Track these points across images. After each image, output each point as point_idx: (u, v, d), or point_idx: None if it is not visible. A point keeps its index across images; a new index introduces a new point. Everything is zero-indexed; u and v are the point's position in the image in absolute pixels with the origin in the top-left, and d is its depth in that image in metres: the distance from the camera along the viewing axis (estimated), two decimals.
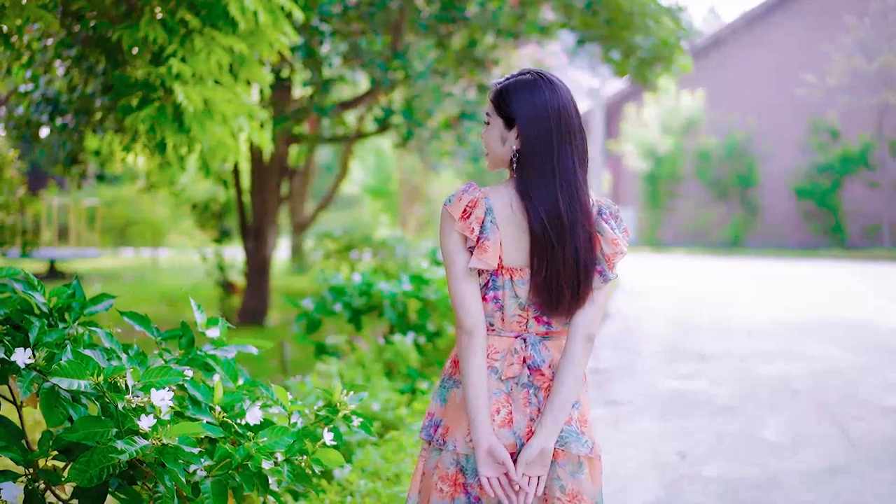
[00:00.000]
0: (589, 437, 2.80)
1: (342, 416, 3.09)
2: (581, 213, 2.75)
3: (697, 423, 7.25)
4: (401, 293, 6.49)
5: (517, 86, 2.76)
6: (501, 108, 2.76)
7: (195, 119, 6.11)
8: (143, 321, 3.29)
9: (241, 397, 3.04)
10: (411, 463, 4.34)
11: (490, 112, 2.80)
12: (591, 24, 12.24)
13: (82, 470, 2.62)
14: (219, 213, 12.25)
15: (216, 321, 3.36)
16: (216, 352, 3.31)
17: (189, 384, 2.99)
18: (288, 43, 6.48)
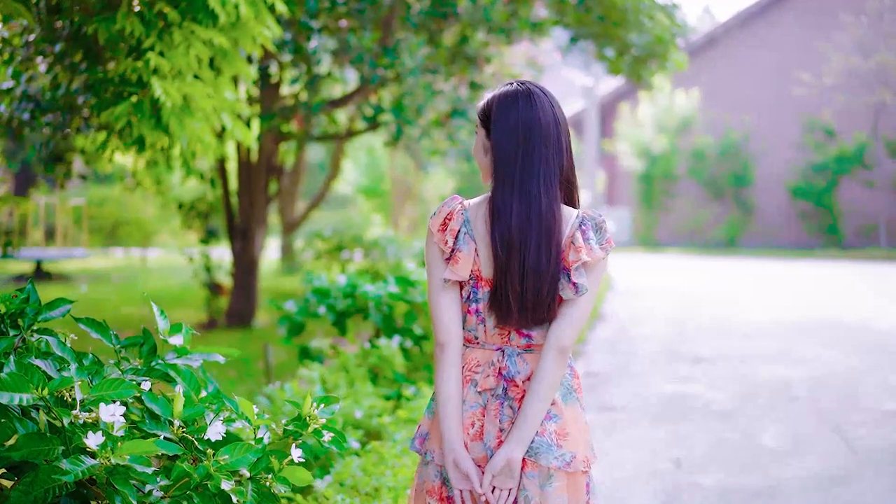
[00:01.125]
0: (568, 451, 2.78)
1: (312, 430, 2.87)
2: (538, 226, 2.71)
3: (694, 429, 7.05)
4: (386, 295, 6.27)
5: (496, 98, 2.79)
6: (483, 120, 2.81)
7: (173, 115, 5.90)
8: (101, 328, 3.05)
9: (202, 411, 2.81)
10: (392, 476, 4.12)
11: (477, 123, 2.85)
12: (585, 21, 12.05)
13: (26, 491, 2.42)
14: (205, 213, 12.02)
15: (179, 327, 3.13)
16: (180, 361, 3.09)
17: (146, 397, 2.77)
18: (271, 37, 6.27)
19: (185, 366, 3.07)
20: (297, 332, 6.42)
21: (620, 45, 12.65)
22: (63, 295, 12.53)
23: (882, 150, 27.81)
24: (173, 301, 13.65)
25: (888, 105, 27.01)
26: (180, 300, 13.65)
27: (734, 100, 30.23)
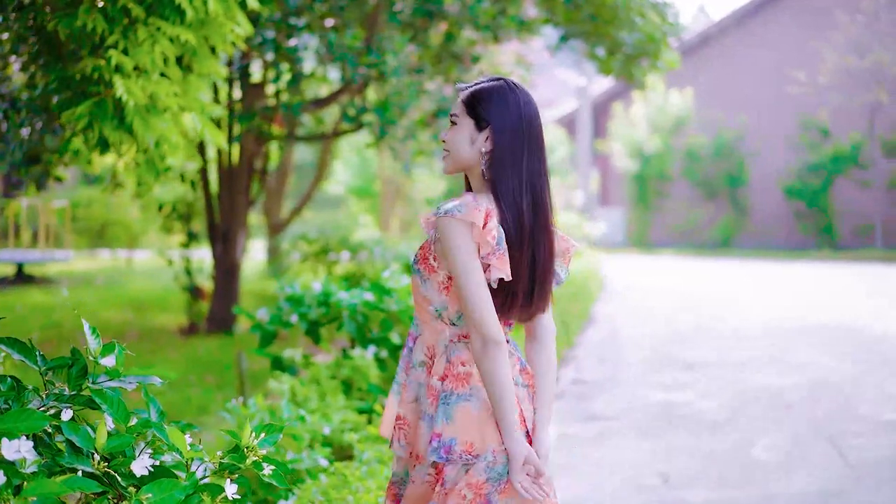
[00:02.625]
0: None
1: (252, 462, 2.60)
2: (542, 218, 2.78)
3: (683, 440, 6.78)
4: (361, 304, 6.01)
5: (493, 90, 2.77)
6: (474, 110, 2.76)
7: (137, 115, 5.63)
8: (23, 349, 2.78)
9: (129, 441, 2.55)
10: (354, 502, 3.85)
11: (459, 113, 2.78)
12: (575, 20, 11.81)
13: None
14: (186, 215, 11.74)
15: (112, 347, 2.86)
16: (113, 384, 2.82)
17: (65, 427, 2.50)
18: (244, 34, 6.00)
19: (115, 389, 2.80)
20: (269, 341, 6.15)
21: (611, 44, 12.41)
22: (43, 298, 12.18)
23: (878, 149, 27.60)
24: (155, 305, 13.37)
25: (884, 104, 26.79)
26: (162, 304, 13.38)
27: (729, 99, 29.99)
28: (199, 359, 9.63)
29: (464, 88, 2.82)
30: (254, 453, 2.60)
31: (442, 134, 2.82)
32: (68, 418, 2.54)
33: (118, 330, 11.29)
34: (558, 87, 40.55)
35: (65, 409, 2.57)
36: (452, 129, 2.79)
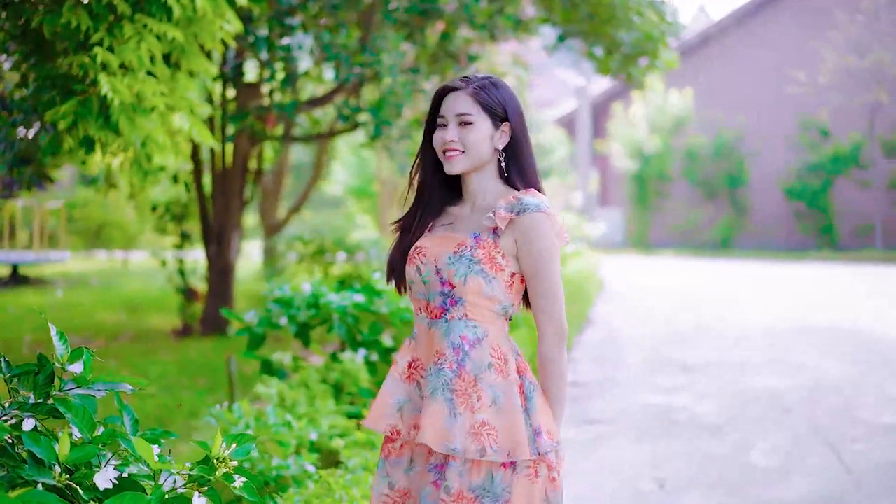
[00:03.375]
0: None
1: (222, 474, 2.49)
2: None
3: (680, 445, 6.67)
4: (351, 306, 5.89)
5: (500, 85, 2.78)
6: (489, 106, 2.75)
7: (123, 113, 5.53)
8: None
9: (94, 453, 2.43)
10: None
11: (474, 112, 2.74)
12: (573, 19, 11.69)
13: None
14: (180, 216, 11.63)
15: (80, 353, 2.74)
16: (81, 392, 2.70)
17: (25, 438, 2.39)
18: (233, 31, 5.90)
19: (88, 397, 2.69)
20: (258, 344, 6.03)
21: (609, 43, 12.29)
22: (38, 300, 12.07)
23: (878, 149, 27.48)
24: (149, 306, 13.27)
25: (884, 105, 26.68)
26: (156, 305, 13.27)
27: (728, 99, 29.88)
28: (191, 361, 9.52)
29: (474, 82, 2.77)
30: (225, 465, 2.48)
31: (450, 134, 2.73)
32: (30, 428, 2.43)
33: (111, 331, 11.19)
34: (558, 87, 40.44)
35: (27, 419, 2.46)
36: (467, 128, 2.74)
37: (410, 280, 2.81)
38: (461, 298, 2.70)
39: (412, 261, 2.80)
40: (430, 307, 2.76)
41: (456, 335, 2.70)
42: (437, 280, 2.73)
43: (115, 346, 10.26)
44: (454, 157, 2.75)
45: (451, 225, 2.82)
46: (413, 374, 2.78)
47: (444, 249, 2.74)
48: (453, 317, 2.71)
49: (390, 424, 2.77)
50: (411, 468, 2.80)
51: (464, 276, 2.68)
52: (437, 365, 2.70)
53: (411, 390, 2.77)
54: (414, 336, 2.82)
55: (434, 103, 2.82)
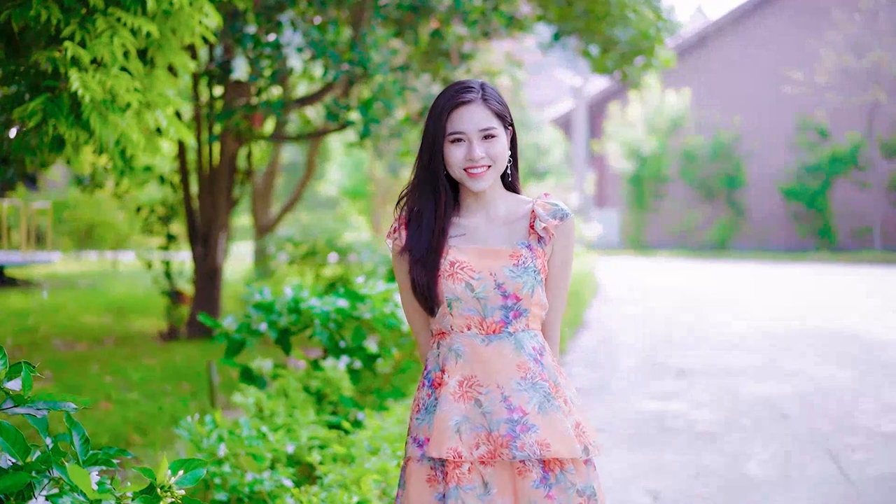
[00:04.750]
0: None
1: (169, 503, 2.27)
2: None
3: (674, 454, 6.45)
4: (334, 311, 5.67)
5: (491, 85, 2.78)
6: (502, 114, 2.75)
7: (94, 110, 5.30)
8: None
9: (25, 480, 2.21)
10: None
11: (495, 123, 2.72)
12: (568, 16, 11.49)
13: None
14: (166, 217, 11.39)
15: (18, 369, 2.51)
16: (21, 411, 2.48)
17: None
18: (213, 26, 5.67)
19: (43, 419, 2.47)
20: (237, 351, 5.80)
21: (605, 42, 12.10)
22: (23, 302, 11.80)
23: (876, 150, 27.30)
24: (136, 309, 13.03)
25: (882, 104, 26.49)
26: (143, 308, 13.04)
27: (726, 99, 29.68)
28: (176, 366, 9.29)
29: (476, 97, 2.73)
30: (170, 494, 2.26)
31: (477, 151, 2.69)
32: None
33: (96, 335, 10.96)
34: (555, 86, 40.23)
35: None
36: (491, 141, 2.71)
37: (455, 297, 2.70)
38: (526, 310, 2.70)
39: (456, 278, 2.70)
40: (485, 322, 2.69)
41: (529, 347, 2.70)
42: (497, 294, 2.68)
43: (99, 350, 10.03)
44: (483, 173, 2.71)
45: (464, 237, 2.76)
46: (468, 392, 2.68)
47: (499, 262, 2.70)
48: (517, 329, 2.70)
49: (451, 448, 2.64)
50: (487, 492, 2.66)
51: (531, 287, 2.68)
52: (528, 380, 2.67)
53: (468, 409, 2.67)
54: (460, 353, 2.70)
55: (441, 118, 2.72)
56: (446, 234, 2.75)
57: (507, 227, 2.76)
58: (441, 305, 2.72)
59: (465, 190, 2.79)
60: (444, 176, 2.75)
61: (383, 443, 4.51)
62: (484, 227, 2.77)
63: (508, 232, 2.75)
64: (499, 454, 2.62)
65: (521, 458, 2.60)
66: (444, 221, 2.75)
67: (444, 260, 2.72)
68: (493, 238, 2.75)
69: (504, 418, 2.63)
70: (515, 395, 2.64)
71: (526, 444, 2.61)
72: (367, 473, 4.04)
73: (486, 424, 2.64)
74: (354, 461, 4.39)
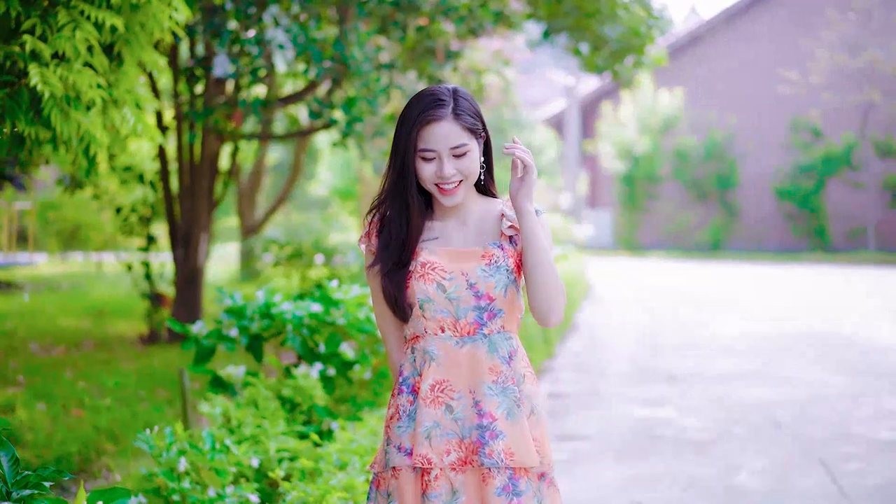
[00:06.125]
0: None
1: None
2: None
3: (663, 464, 6.22)
4: (307, 316, 5.43)
5: (464, 93, 2.69)
6: (473, 128, 2.66)
7: (55, 107, 5.06)
8: None
9: None
10: None
11: (465, 139, 2.64)
12: (557, 13, 11.29)
13: None
14: (146, 218, 11.13)
15: None
16: None
17: None
18: (182, 20, 5.43)
19: None
20: (206, 357, 5.57)
21: (595, 39, 11.90)
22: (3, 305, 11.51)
23: (870, 150, 27.13)
24: (117, 312, 12.77)
25: (877, 104, 26.32)
26: (124, 311, 12.77)
27: (719, 99, 29.49)
28: (153, 370, 9.04)
29: (447, 114, 2.63)
30: None
31: (447, 169, 2.63)
32: None
33: (74, 338, 10.70)
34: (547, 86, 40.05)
35: None
36: (462, 158, 2.64)
37: (426, 298, 2.66)
38: (500, 310, 2.66)
39: (427, 278, 2.66)
40: (458, 324, 2.65)
41: (503, 349, 2.66)
42: (470, 294, 2.64)
43: (76, 355, 9.78)
44: (455, 189, 2.67)
45: (437, 240, 2.72)
46: (439, 398, 2.64)
47: (471, 263, 2.67)
48: (491, 331, 2.67)
49: (421, 454, 2.60)
50: (455, 499, 2.61)
51: (504, 287, 2.65)
52: (499, 384, 2.63)
53: (439, 414, 2.63)
54: (433, 357, 2.66)
55: (411, 134, 2.64)
56: (417, 241, 2.72)
57: (479, 229, 2.73)
58: (413, 308, 2.68)
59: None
60: (415, 185, 2.69)
61: (353, 456, 4.28)
62: (457, 229, 2.74)
63: (481, 233, 2.72)
64: (469, 461, 2.60)
65: (490, 465, 2.57)
66: (415, 229, 2.71)
67: (415, 261, 2.69)
68: (465, 240, 2.72)
69: (475, 424, 2.61)
70: (486, 400, 2.61)
71: (494, 452, 2.58)
72: (332, 491, 3.81)
73: (458, 431, 2.61)
74: (322, 475, 4.16)
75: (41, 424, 6.84)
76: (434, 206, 2.77)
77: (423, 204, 2.74)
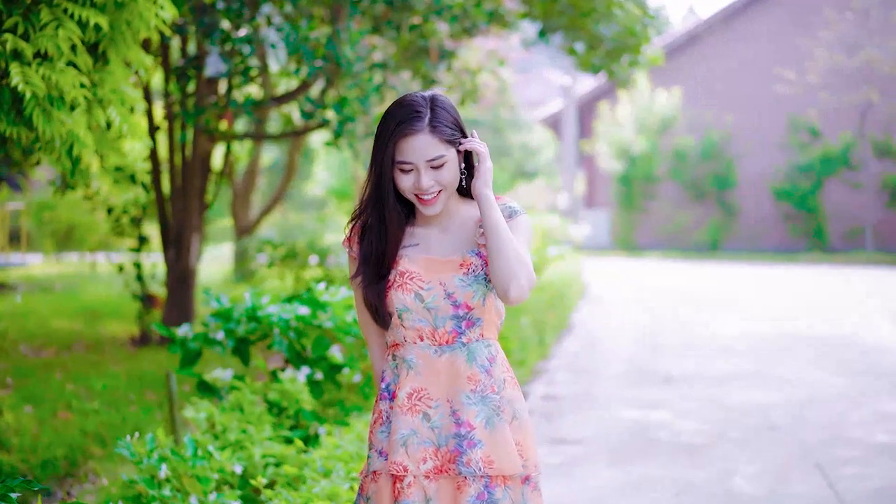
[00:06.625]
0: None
1: None
2: None
3: (656, 470, 6.12)
4: (294, 319, 5.35)
5: (441, 99, 2.66)
6: (451, 137, 2.64)
7: (37, 107, 4.98)
8: None
9: None
10: None
11: (442, 150, 2.62)
12: (552, 12, 11.20)
13: None
14: (138, 219, 11.03)
15: None
16: None
17: None
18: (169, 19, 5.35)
19: None
20: (192, 361, 5.48)
21: (590, 38, 11.82)
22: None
23: (868, 150, 27.04)
24: (109, 313, 12.68)
25: (875, 104, 26.24)
26: (116, 312, 12.68)
27: (717, 99, 29.38)
28: (143, 373, 8.95)
29: (422, 127, 2.61)
30: None
31: (425, 182, 2.62)
32: None
33: (65, 340, 10.62)
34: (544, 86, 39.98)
35: None
36: (440, 169, 2.63)
37: (405, 308, 2.67)
38: (479, 319, 2.68)
39: (405, 288, 2.67)
40: (437, 333, 2.67)
41: (482, 357, 2.67)
42: (447, 304, 2.65)
43: (66, 357, 9.70)
44: (434, 200, 2.66)
45: (418, 246, 2.72)
46: (417, 406, 2.65)
47: (448, 272, 2.67)
48: (470, 339, 2.68)
49: (396, 461, 2.62)
50: None
51: (482, 296, 2.66)
52: (477, 392, 2.65)
53: (416, 422, 2.64)
54: (412, 365, 2.67)
55: (388, 146, 2.63)
56: (396, 253, 2.71)
57: (459, 237, 2.73)
58: (392, 316, 2.69)
59: None
60: (392, 197, 2.69)
61: (338, 463, 4.19)
62: (438, 236, 2.74)
63: (461, 240, 2.72)
64: (446, 469, 2.61)
65: (467, 474, 2.59)
66: (392, 242, 2.71)
67: (394, 270, 2.69)
68: (445, 247, 2.72)
69: (452, 433, 2.62)
70: (464, 410, 2.62)
71: (472, 461, 2.59)
72: (315, 499, 3.72)
73: (435, 439, 2.63)
74: (305, 483, 4.08)
75: (28, 428, 6.76)
76: (416, 211, 2.76)
77: (404, 213, 2.74)
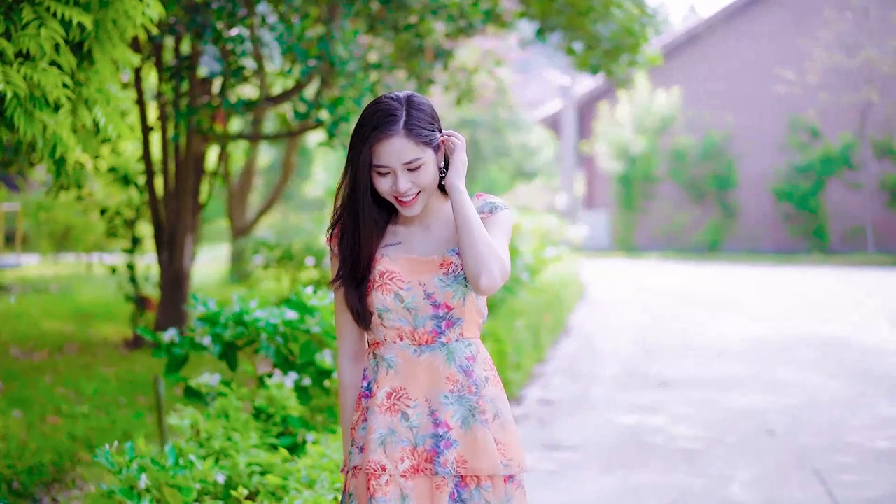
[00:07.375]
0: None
1: None
2: None
3: (652, 476, 6.02)
4: (282, 323, 5.24)
5: (417, 99, 2.65)
6: (427, 138, 2.62)
7: (19, 107, 4.89)
8: None
9: None
10: None
11: (419, 152, 2.61)
12: (550, 11, 11.10)
13: None
14: (132, 220, 10.94)
15: None
16: None
17: None
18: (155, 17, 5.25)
19: None
20: (178, 366, 5.38)
21: (588, 38, 11.72)
22: None
23: (868, 150, 26.94)
24: (103, 315, 12.58)
25: (874, 104, 26.14)
26: (109, 314, 12.58)
27: (716, 99, 29.28)
28: (135, 376, 8.85)
29: (398, 130, 2.59)
30: None
31: (402, 184, 2.61)
32: None
33: (57, 342, 10.52)
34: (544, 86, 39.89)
35: None
36: (418, 171, 2.62)
37: (385, 308, 2.66)
38: (459, 319, 2.67)
39: (385, 288, 2.66)
40: (416, 333, 2.66)
41: (461, 357, 2.66)
42: (427, 304, 2.65)
43: (58, 359, 9.60)
44: (412, 201, 2.66)
45: (399, 245, 2.72)
46: (395, 405, 2.65)
47: (428, 272, 2.66)
48: (450, 339, 2.67)
49: (373, 460, 2.62)
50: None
51: (462, 295, 2.65)
52: (455, 392, 2.64)
53: (395, 422, 2.64)
54: (391, 365, 2.67)
55: (364, 150, 2.62)
56: (372, 256, 2.71)
57: (442, 233, 2.72)
58: (373, 316, 2.68)
59: None
60: (368, 201, 2.68)
61: (322, 473, 4.09)
62: (419, 234, 2.73)
63: (442, 238, 2.71)
64: (422, 469, 2.62)
65: (444, 474, 2.60)
66: (366, 246, 2.70)
67: (374, 270, 2.68)
68: (426, 246, 2.71)
69: (430, 433, 2.63)
70: (442, 410, 2.63)
71: (448, 461, 2.61)
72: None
73: (412, 439, 2.63)
74: (287, 493, 3.98)
75: (15, 433, 6.66)
76: (398, 211, 2.76)
77: (383, 212, 2.73)
